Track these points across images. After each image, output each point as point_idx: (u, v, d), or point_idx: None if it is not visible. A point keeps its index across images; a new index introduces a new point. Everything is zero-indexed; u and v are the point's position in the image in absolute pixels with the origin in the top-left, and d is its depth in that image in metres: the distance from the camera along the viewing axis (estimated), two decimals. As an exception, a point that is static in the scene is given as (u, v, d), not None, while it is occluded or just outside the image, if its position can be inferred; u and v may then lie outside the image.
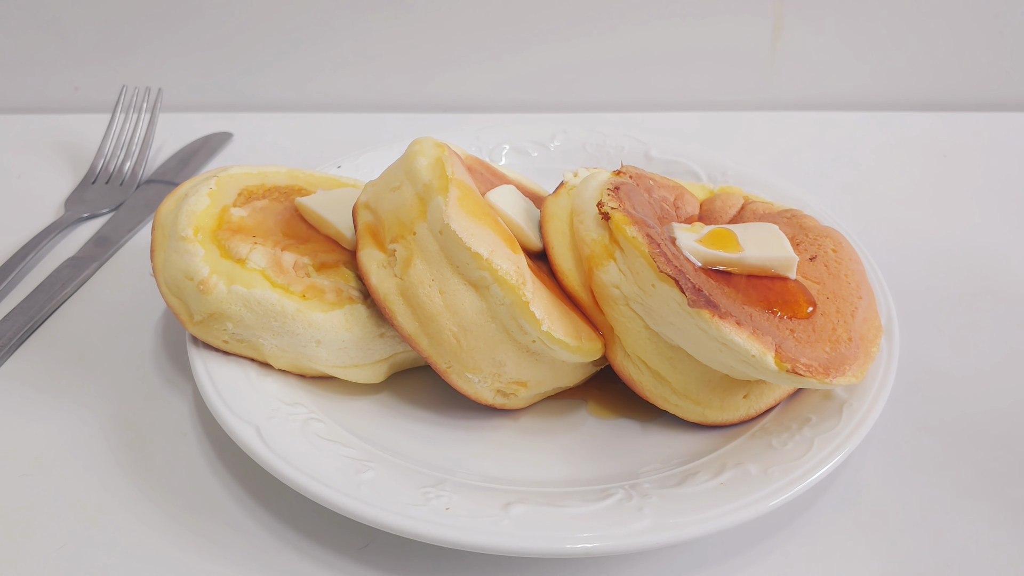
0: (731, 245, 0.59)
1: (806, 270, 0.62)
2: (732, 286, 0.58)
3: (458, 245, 0.55)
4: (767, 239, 0.60)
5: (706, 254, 0.58)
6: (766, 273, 0.59)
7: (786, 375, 0.53)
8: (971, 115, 1.11)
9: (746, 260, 0.59)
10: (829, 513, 0.57)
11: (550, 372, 0.60)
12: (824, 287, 0.61)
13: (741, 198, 0.71)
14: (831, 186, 0.95)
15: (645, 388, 0.60)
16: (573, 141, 0.94)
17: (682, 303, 0.53)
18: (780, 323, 0.56)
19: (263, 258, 0.61)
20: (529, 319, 0.55)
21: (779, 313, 0.57)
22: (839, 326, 0.58)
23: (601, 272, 0.58)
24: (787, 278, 0.60)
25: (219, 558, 0.53)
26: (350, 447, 0.56)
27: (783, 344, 0.54)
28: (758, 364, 0.53)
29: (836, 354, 0.56)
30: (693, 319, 0.53)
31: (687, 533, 0.49)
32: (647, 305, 0.57)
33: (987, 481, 0.59)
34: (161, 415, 0.64)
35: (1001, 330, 0.73)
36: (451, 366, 0.58)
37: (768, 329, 0.55)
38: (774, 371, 0.53)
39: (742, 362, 0.54)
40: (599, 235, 0.59)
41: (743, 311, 0.55)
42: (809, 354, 0.55)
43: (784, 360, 0.53)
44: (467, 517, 0.50)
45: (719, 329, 0.52)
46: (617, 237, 0.57)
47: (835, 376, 0.54)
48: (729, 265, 0.59)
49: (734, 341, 0.53)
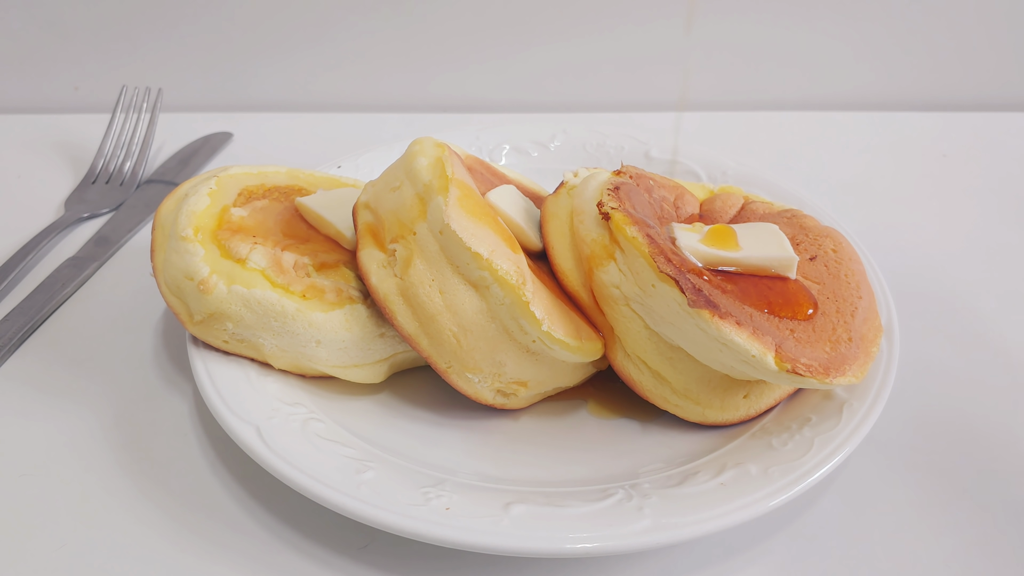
0: (731, 244, 0.59)
1: (806, 270, 0.62)
2: (733, 285, 0.58)
3: (458, 245, 0.55)
4: (767, 239, 0.60)
5: (706, 254, 0.58)
6: (766, 273, 0.59)
7: (786, 375, 0.53)
8: (971, 115, 1.11)
9: (746, 260, 0.59)
10: (829, 513, 0.57)
11: (550, 372, 0.60)
12: (824, 287, 0.61)
13: (741, 198, 0.71)
14: (831, 186, 0.95)
15: (645, 388, 0.60)
16: (573, 141, 0.94)
17: (682, 303, 0.53)
18: (780, 323, 0.56)
19: (263, 258, 0.61)
20: (529, 319, 0.55)
21: (779, 313, 0.57)
22: (839, 326, 0.58)
23: (601, 272, 0.58)
24: (787, 278, 0.60)
25: (219, 558, 0.53)
26: (350, 447, 0.56)
27: (783, 344, 0.54)
28: (758, 364, 0.53)
29: (836, 354, 0.56)
30: (693, 319, 0.53)
31: (687, 533, 0.49)
32: (647, 305, 0.56)
33: (987, 481, 0.59)
34: (161, 415, 0.64)
35: (1001, 330, 0.73)
36: (451, 366, 0.58)
37: (768, 329, 0.55)
38: (774, 371, 0.53)
39: (742, 362, 0.54)
40: (599, 235, 0.59)
41: (743, 311, 0.55)
42: (809, 354, 0.55)
43: (784, 360, 0.53)
44: (467, 517, 0.50)
45: (719, 329, 0.52)
46: (617, 237, 0.57)
47: (835, 376, 0.54)
48: (729, 265, 0.59)
49: (734, 341, 0.53)
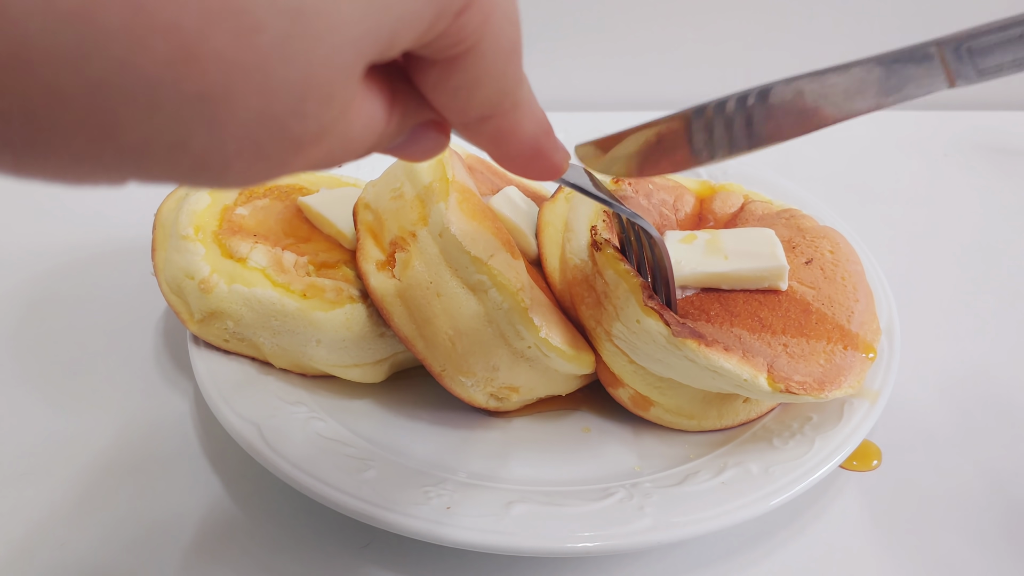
0: (719, 257, 0.59)
1: (801, 275, 0.61)
2: (720, 306, 0.57)
3: (457, 248, 0.55)
4: (759, 248, 0.59)
5: (690, 277, 0.58)
6: (759, 286, 0.59)
7: (781, 395, 0.53)
8: (971, 115, 1.11)
9: (734, 273, 0.58)
10: (830, 513, 0.57)
11: (542, 379, 0.59)
12: (819, 292, 0.60)
13: (741, 196, 0.70)
14: (831, 186, 0.95)
15: (637, 409, 0.60)
16: (573, 141, 0.93)
17: (667, 336, 0.52)
18: (773, 339, 0.56)
19: (264, 257, 0.61)
20: (527, 325, 0.55)
21: (771, 329, 0.56)
22: (834, 334, 0.57)
23: (584, 307, 0.58)
24: (779, 290, 0.59)
25: (219, 558, 0.53)
26: (351, 446, 0.56)
27: (775, 362, 0.53)
28: (751, 387, 0.52)
29: (831, 366, 0.55)
30: (681, 351, 0.52)
31: (688, 532, 0.49)
32: (632, 343, 0.55)
33: (987, 481, 0.59)
34: (161, 415, 0.64)
35: (1001, 330, 0.73)
36: (445, 369, 0.58)
37: (759, 349, 0.54)
38: (768, 392, 0.52)
39: (736, 386, 0.53)
40: (582, 262, 0.58)
41: (731, 334, 0.55)
42: (803, 370, 0.54)
43: (777, 380, 0.52)
44: (468, 516, 0.50)
45: (707, 357, 0.52)
46: (603, 271, 0.56)
47: (831, 390, 0.53)
48: (716, 282, 0.58)
49: (724, 367, 0.52)
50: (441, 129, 0.33)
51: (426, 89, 0.30)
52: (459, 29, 0.27)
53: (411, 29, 0.26)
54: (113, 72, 0.21)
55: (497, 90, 0.31)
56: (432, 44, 0.27)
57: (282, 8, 0.22)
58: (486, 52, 0.29)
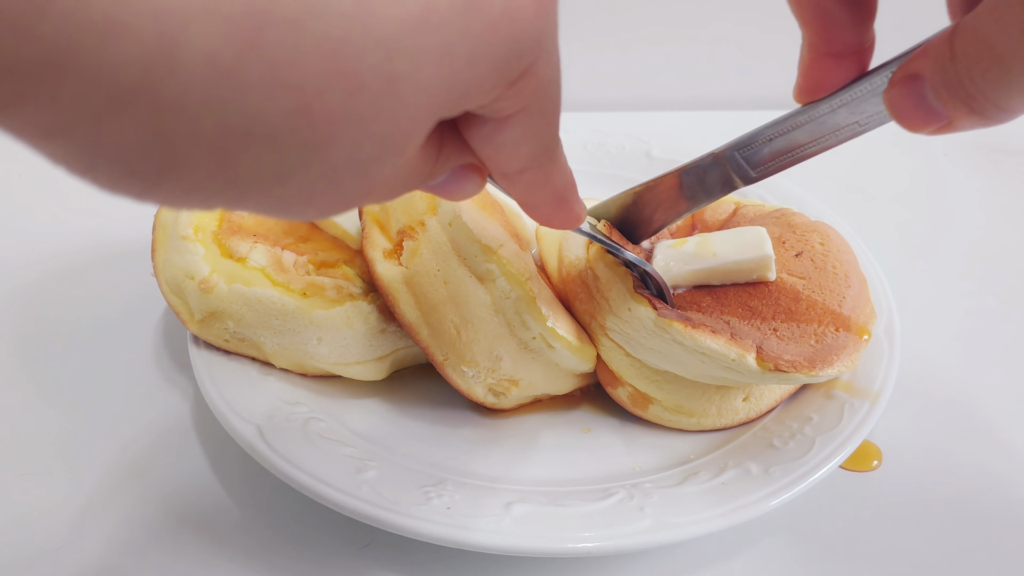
0: (707, 254, 0.59)
1: (791, 267, 0.61)
2: (711, 298, 0.58)
3: (467, 237, 0.55)
4: (746, 242, 0.60)
5: (678, 274, 0.58)
6: (748, 279, 0.59)
7: (770, 374, 0.53)
8: (971, 115, 1.11)
9: (721, 266, 0.58)
10: (830, 513, 0.57)
11: (543, 374, 0.60)
12: (809, 281, 0.60)
13: (732, 204, 0.70)
14: (832, 186, 0.95)
15: (636, 407, 0.60)
16: (573, 141, 0.93)
17: (656, 320, 0.53)
18: (763, 325, 0.56)
19: (263, 257, 0.61)
20: (535, 314, 0.55)
21: (761, 315, 0.57)
22: (825, 317, 0.57)
23: (578, 303, 0.58)
24: (768, 281, 0.59)
25: (219, 558, 0.53)
26: (351, 446, 0.56)
27: (764, 344, 0.54)
28: (740, 367, 0.53)
29: (822, 346, 0.55)
30: (669, 333, 0.53)
31: (688, 532, 0.49)
32: (626, 334, 0.56)
33: (987, 481, 0.59)
34: (162, 415, 0.64)
35: (1001, 330, 0.73)
36: (448, 358, 0.58)
37: (748, 332, 0.55)
38: (757, 372, 0.53)
39: (726, 368, 0.54)
40: (576, 259, 0.59)
41: (719, 320, 0.55)
42: (792, 351, 0.54)
43: (765, 359, 0.53)
44: (468, 516, 0.50)
45: (694, 339, 0.52)
46: (594, 266, 0.57)
47: (821, 368, 0.54)
48: (704, 277, 0.58)
49: (711, 348, 0.52)
50: (480, 173, 0.36)
51: (474, 142, 0.33)
52: (515, 94, 0.30)
53: (477, 95, 0.29)
54: (246, 119, 0.24)
55: (538, 146, 0.34)
56: (488, 106, 0.30)
57: (380, 73, 0.25)
58: (533, 114, 0.32)
